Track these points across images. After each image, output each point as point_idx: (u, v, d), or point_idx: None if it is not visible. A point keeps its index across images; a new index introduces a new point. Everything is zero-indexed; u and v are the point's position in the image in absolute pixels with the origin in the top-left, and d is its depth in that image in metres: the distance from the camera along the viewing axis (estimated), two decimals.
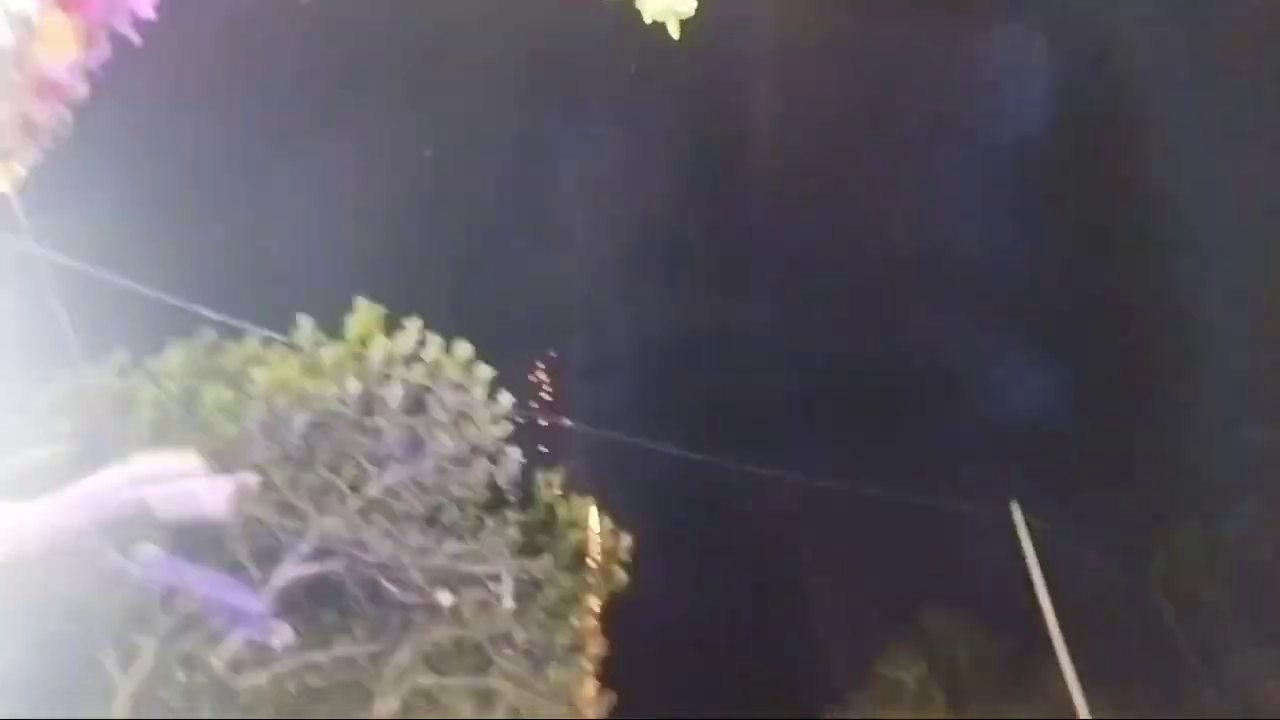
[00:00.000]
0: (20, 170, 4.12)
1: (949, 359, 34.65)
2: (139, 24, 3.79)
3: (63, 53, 3.57)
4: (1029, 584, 15.46)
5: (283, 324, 9.36)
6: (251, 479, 8.09)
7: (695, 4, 4.10)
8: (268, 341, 9.52)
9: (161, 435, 8.98)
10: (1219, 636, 24.39)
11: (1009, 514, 15.81)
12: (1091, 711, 15.62)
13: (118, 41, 3.83)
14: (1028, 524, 15.67)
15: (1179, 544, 25.18)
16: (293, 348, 9.13)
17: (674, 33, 4.20)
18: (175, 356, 9.56)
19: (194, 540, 8.78)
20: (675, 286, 37.51)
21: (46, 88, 3.71)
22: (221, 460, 8.63)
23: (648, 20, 4.21)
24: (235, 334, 9.87)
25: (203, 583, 9.03)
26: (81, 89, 3.87)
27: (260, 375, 8.77)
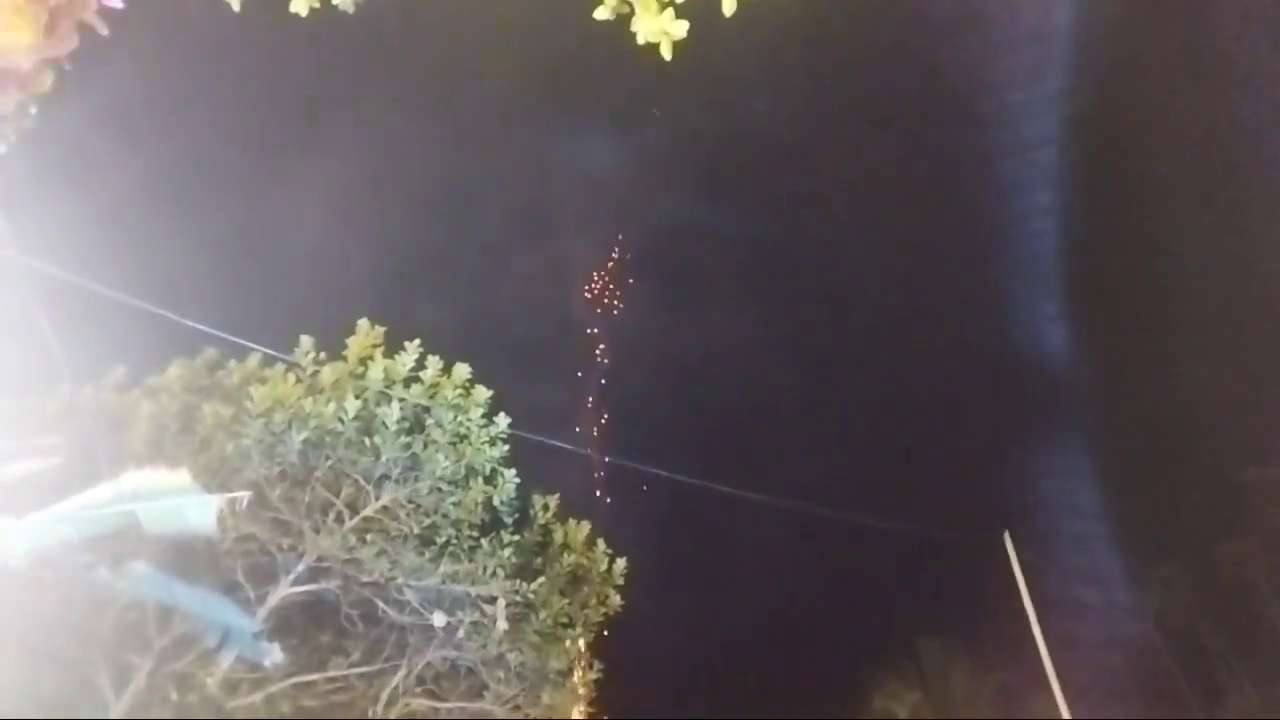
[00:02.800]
0: None
1: (949, 393, 34.67)
2: (106, 13, 3.68)
3: (19, 39, 3.47)
4: (1023, 615, 15.41)
5: (285, 344, 9.42)
6: (243, 496, 8.13)
7: (687, 26, 4.20)
8: (268, 360, 9.58)
9: (158, 451, 9.01)
10: (1213, 672, 24.29)
11: (1003, 545, 15.77)
12: None
13: (86, 32, 3.73)
14: (1020, 556, 15.61)
15: (1175, 580, 25.13)
16: (293, 367, 9.17)
17: (666, 54, 4.30)
18: (175, 373, 9.60)
19: (190, 558, 8.80)
20: (678, 311, 37.60)
21: (7, 77, 3.62)
22: (218, 477, 8.69)
23: (641, 42, 4.32)
24: (238, 353, 9.94)
25: (194, 600, 9.04)
26: (45, 80, 3.79)
27: (259, 393, 8.80)
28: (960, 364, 34.56)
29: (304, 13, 5.01)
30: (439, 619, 9.39)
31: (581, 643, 11.26)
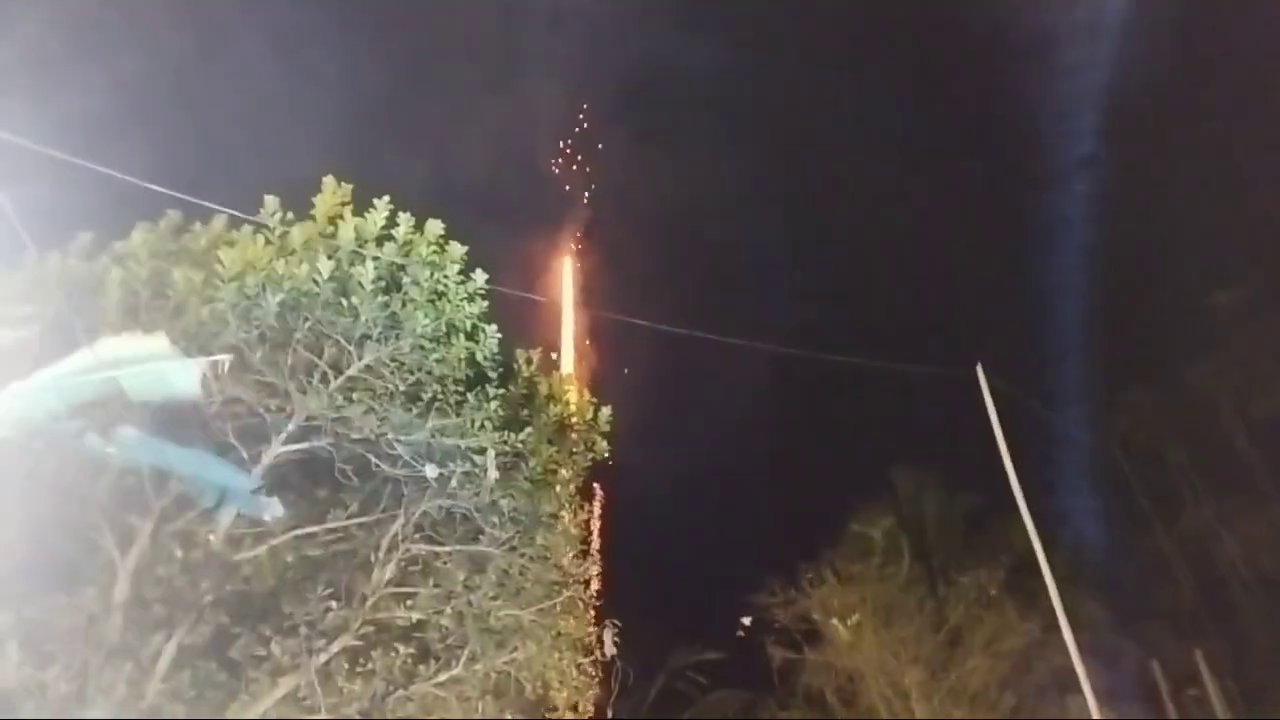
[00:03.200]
0: None
1: (917, 228, 34.64)
2: None
3: None
4: (993, 443, 16.05)
5: (249, 204, 9.17)
6: (223, 359, 8.13)
7: None
8: (235, 222, 9.36)
9: (132, 318, 8.93)
10: (1174, 490, 25.62)
11: (974, 376, 16.23)
12: (1050, 562, 16.49)
13: None
14: (991, 386, 16.12)
15: (1139, 403, 26.01)
16: (261, 228, 8.98)
17: None
18: (139, 238, 9.39)
19: (180, 422, 8.90)
20: (653, 157, 36.75)
21: None
22: (197, 342, 8.66)
23: None
24: (202, 215, 9.70)
25: (189, 462, 9.19)
26: None
27: (228, 256, 8.65)
28: (933, 200, 34.40)
29: None
30: (431, 470, 9.65)
31: (571, 487, 11.68)
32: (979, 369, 16.29)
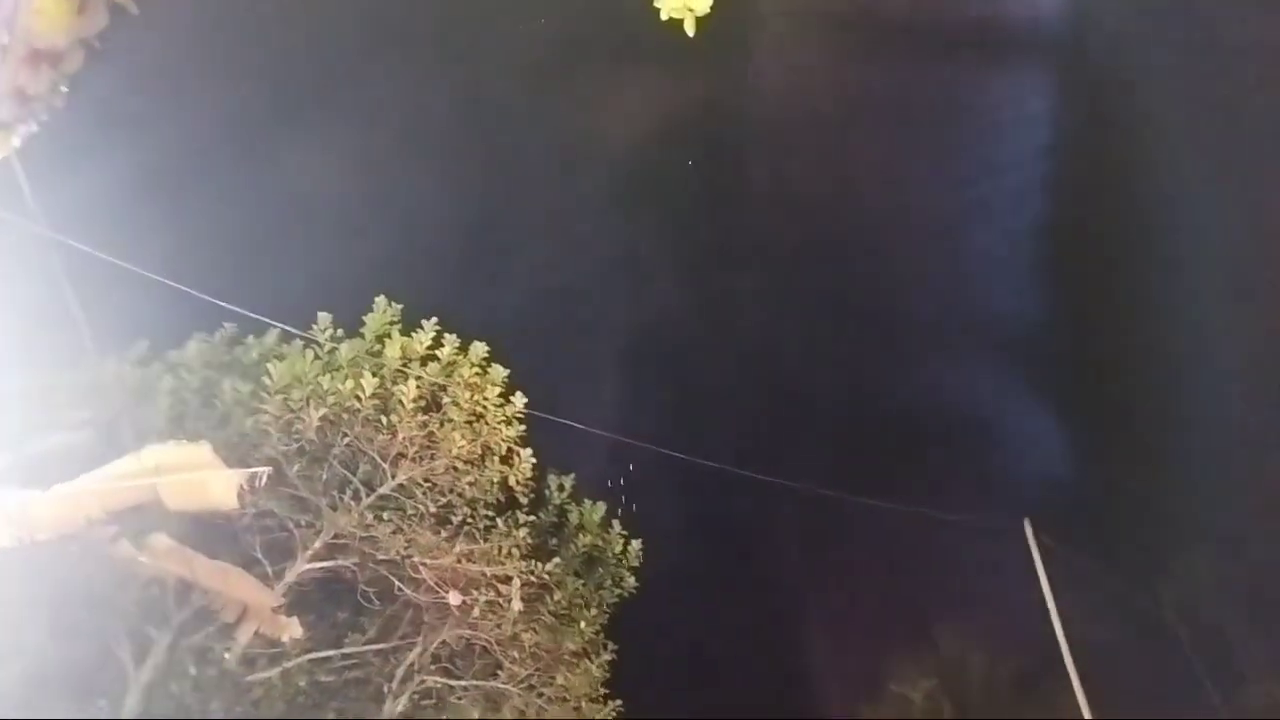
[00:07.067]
0: (15, 142, 4.12)
1: (963, 378, 34.32)
2: None
3: (57, 21, 3.56)
4: (1041, 602, 15.32)
5: (302, 320, 9.45)
6: (263, 472, 8.17)
7: (710, 2, 4.16)
8: (286, 337, 9.63)
9: (179, 426, 9.09)
10: (1235, 662, 24.07)
11: (1021, 531, 15.68)
12: None
13: (116, 11, 3.83)
14: (1039, 542, 15.53)
15: (1195, 566, 24.85)
16: (311, 344, 9.21)
17: (690, 30, 4.27)
18: (194, 348, 9.67)
19: (208, 533, 8.88)
20: (696, 288, 37.27)
21: (39, 57, 3.71)
22: (238, 453, 8.75)
23: (664, 18, 4.29)
24: (256, 328, 9.99)
25: (214, 575, 9.10)
26: (76, 59, 3.86)
27: (277, 370, 8.85)
28: (980, 349, 34.24)
29: None
30: (454, 598, 9.46)
31: (596, 624, 11.30)
32: (1026, 523, 15.77)
